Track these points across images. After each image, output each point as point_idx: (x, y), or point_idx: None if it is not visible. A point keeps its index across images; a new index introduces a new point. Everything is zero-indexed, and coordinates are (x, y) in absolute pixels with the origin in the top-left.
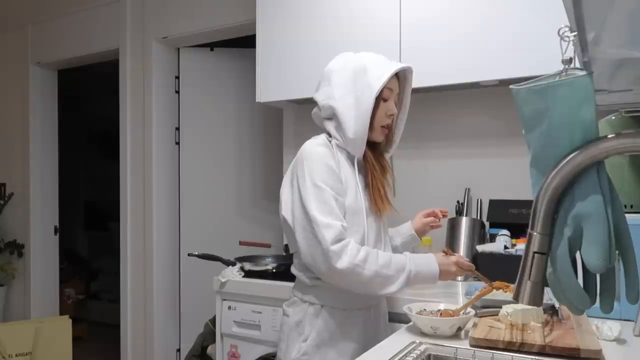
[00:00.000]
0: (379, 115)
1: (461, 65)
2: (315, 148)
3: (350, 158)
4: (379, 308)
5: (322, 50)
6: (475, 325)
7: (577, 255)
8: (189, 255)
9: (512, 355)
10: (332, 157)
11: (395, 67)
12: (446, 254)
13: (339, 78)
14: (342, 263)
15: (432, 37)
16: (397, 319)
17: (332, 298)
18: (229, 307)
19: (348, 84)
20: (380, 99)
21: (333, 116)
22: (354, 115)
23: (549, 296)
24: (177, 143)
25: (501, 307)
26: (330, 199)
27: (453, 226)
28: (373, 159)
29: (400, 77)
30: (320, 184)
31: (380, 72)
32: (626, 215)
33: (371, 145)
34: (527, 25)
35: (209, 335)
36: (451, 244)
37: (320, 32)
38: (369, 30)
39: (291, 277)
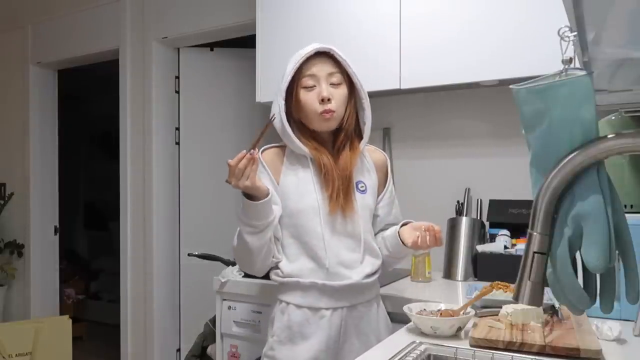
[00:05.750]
0: (308, 104)
1: (461, 65)
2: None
3: (307, 158)
4: (356, 310)
5: None
6: (475, 325)
7: (577, 255)
8: (189, 255)
9: (512, 355)
10: (260, 166)
11: (298, 59)
12: None
13: (275, 91)
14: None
15: (432, 37)
16: (397, 319)
17: (297, 296)
18: (229, 307)
19: (276, 93)
20: (299, 89)
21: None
22: (279, 119)
23: (549, 296)
24: (177, 143)
25: (501, 307)
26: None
27: (453, 226)
28: (324, 155)
29: (335, 59)
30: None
31: (288, 69)
32: (626, 215)
33: (334, 137)
34: (527, 25)
35: (209, 335)
36: (451, 244)
37: (320, 32)
38: (369, 30)
39: None
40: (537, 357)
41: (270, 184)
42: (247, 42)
